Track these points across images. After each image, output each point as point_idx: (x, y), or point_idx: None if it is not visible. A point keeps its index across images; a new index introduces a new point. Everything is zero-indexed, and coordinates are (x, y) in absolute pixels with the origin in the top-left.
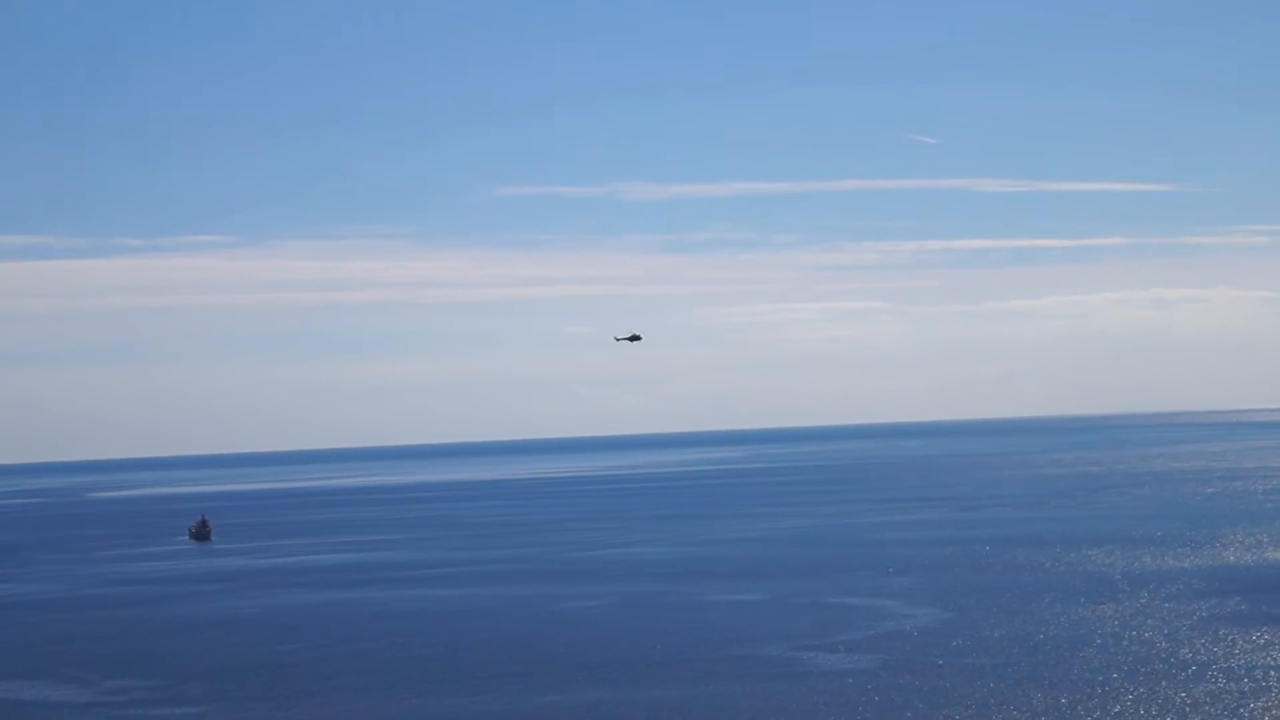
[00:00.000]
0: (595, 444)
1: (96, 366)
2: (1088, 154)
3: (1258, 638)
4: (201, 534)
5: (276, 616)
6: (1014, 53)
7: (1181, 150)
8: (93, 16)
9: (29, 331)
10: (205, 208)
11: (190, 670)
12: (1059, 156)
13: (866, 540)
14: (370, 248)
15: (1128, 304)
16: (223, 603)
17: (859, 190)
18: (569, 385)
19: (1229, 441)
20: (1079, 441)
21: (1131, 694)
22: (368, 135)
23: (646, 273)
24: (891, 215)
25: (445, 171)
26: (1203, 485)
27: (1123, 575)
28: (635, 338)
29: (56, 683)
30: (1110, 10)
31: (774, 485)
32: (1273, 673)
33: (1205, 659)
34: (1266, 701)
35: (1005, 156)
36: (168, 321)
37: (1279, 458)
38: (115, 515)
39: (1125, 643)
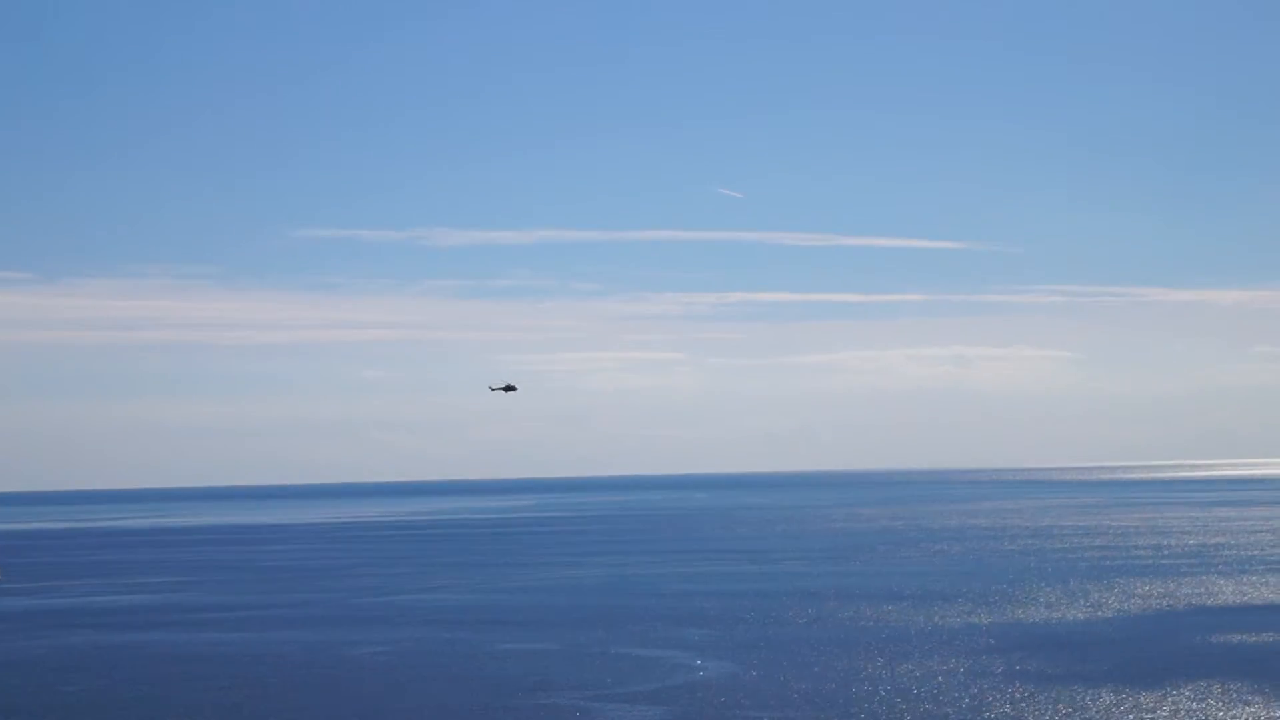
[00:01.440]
0: (392, 489)
1: None
2: (887, 211)
3: (1052, 694)
4: None
5: (63, 657)
6: (819, 109)
7: (978, 209)
8: None
9: None
10: (2, 244)
11: None
12: (859, 212)
13: (661, 591)
14: (169, 287)
15: (926, 360)
16: (7, 643)
17: (661, 241)
18: (367, 430)
19: (1026, 499)
20: (877, 496)
21: None
22: (168, 172)
23: (447, 318)
24: (693, 267)
25: (247, 211)
26: (1000, 542)
27: (919, 631)
28: (510, 388)
29: None
30: (912, 71)
31: (570, 534)
32: None
33: (1000, 715)
34: None
35: (807, 211)
36: None
37: (1075, 516)
38: None
39: (921, 699)
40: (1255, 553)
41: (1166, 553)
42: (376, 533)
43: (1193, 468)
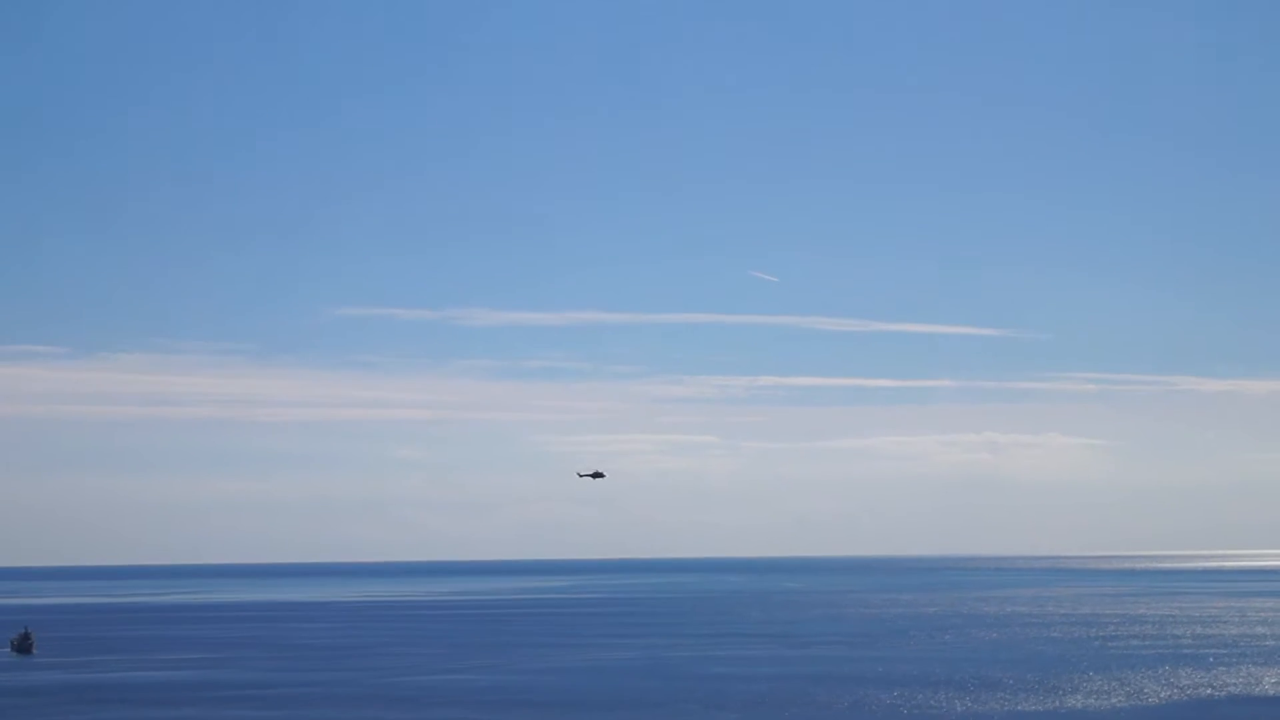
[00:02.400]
0: (423, 569)
1: None
2: (919, 297)
3: None
4: (24, 646)
5: None
6: (852, 193)
7: (1011, 296)
8: None
9: None
10: (37, 317)
11: None
12: (892, 298)
13: (693, 674)
14: (204, 363)
15: (959, 446)
16: (40, 718)
17: (695, 324)
18: (397, 509)
19: (1062, 587)
20: (913, 582)
21: None
22: (205, 248)
23: (479, 399)
24: (726, 349)
25: (283, 289)
26: (1039, 629)
27: (941, 716)
28: (598, 475)
29: None
30: (945, 156)
31: (602, 616)
32: None
33: None
34: None
35: (839, 296)
36: None
37: (1111, 604)
38: None
39: None
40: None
41: (1205, 642)
42: (408, 612)
43: (1226, 557)
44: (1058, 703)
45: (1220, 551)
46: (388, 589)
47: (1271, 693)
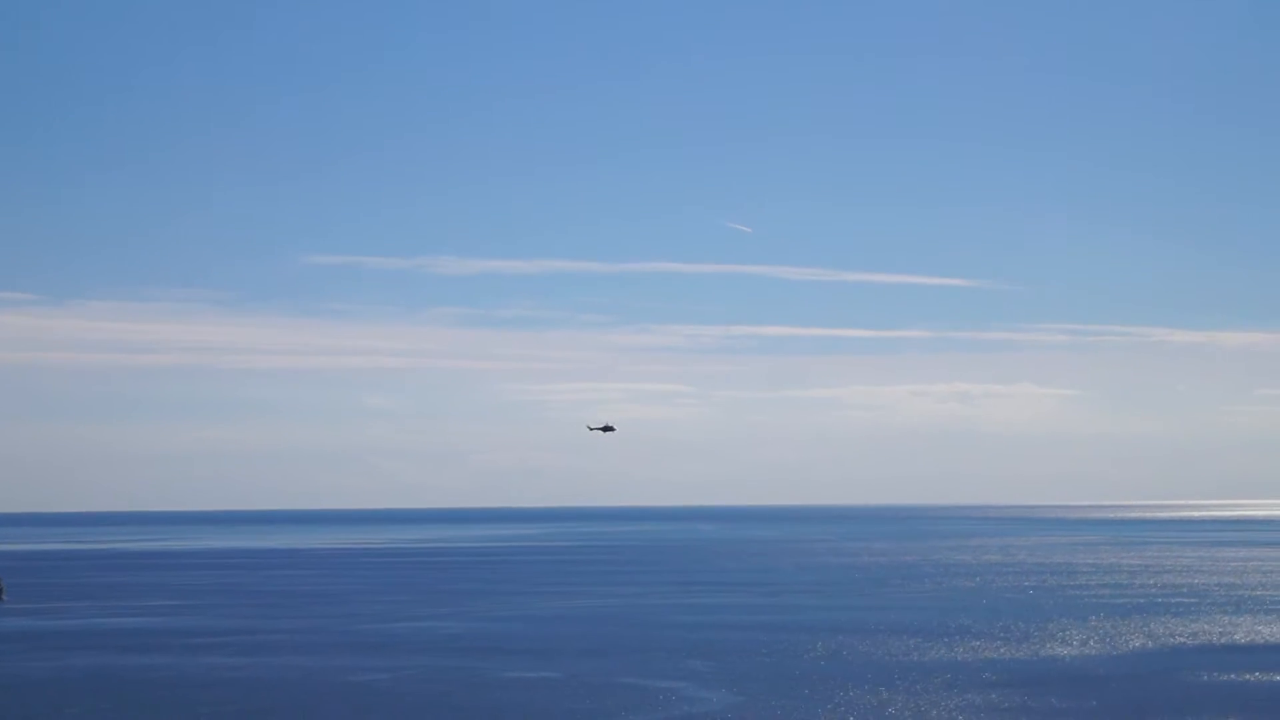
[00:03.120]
0: (395, 516)
1: None
2: (892, 247)
3: None
4: None
5: (62, 680)
6: (827, 143)
7: (984, 246)
8: None
9: None
10: (6, 265)
11: None
12: (865, 248)
13: (663, 622)
14: (173, 311)
15: (930, 396)
16: (10, 664)
17: (666, 273)
18: (367, 457)
19: (1035, 536)
20: (880, 530)
21: None
22: (175, 196)
23: (450, 347)
24: (698, 299)
25: (253, 237)
26: (1012, 578)
27: (929, 665)
28: (609, 428)
29: None
30: (920, 106)
31: (573, 563)
32: None
33: None
34: None
35: (812, 246)
36: None
37: (1084, 553)
38: None
39: None
40: (1262, 593)
41: (1178, 591)
42: (379, 559)
43: (1197, 508)
44: (1034, 650)
45: (1191, 502)
46: (357, 536)
47: (1244, 641)
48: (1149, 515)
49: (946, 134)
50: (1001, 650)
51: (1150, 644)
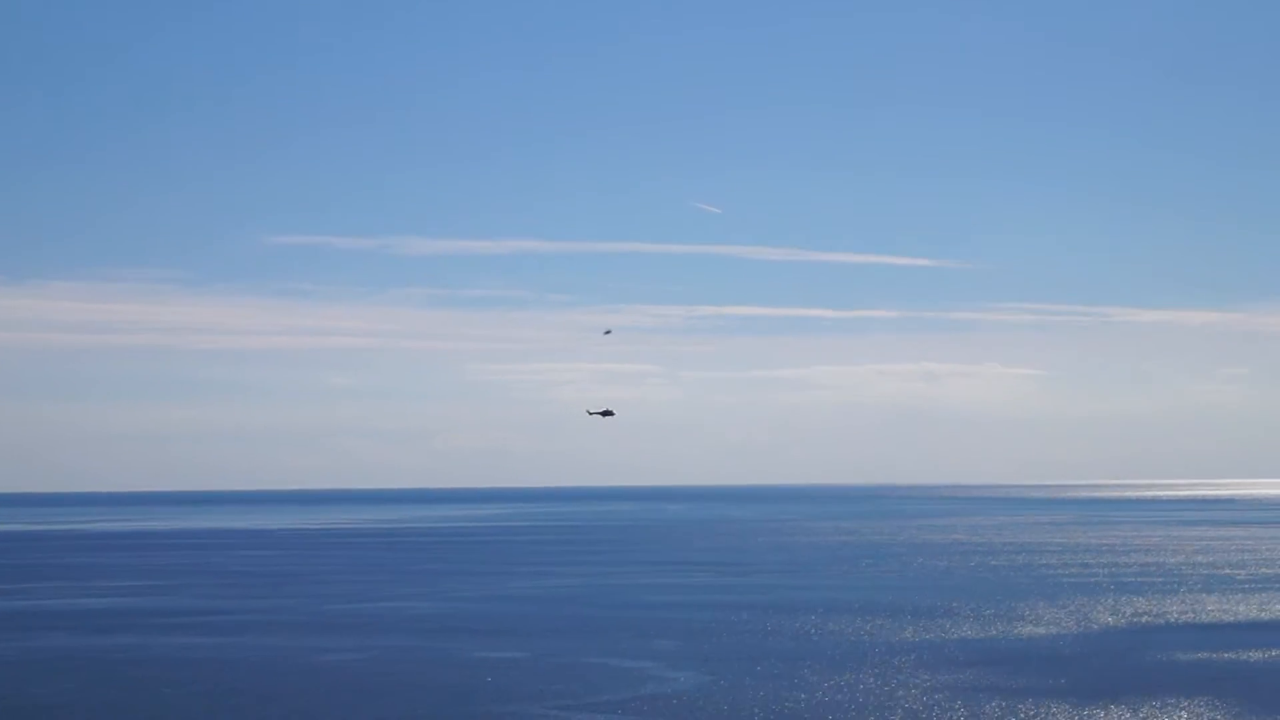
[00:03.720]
0: (362, 497)
1: None
2: (858, 227)
3: (1019, 709)
4: None
5: (31, 660)
6: (793, 124)
7: (949, 226)
8: None
9: None
10: None
11: None
12: (831, 228)
13: (630, 602)
14: (138, 291)
15: (896, 376)
16: None
17: (633, 253)
18: (333, 437)
19: (994, 516)
20: (848, 510)
21: None
22: (138, 176)
23: (416, 327)
24: (665, 280)
25: (217, 217)
26: (979, 557)
27: (894, 645)
28: (608, 413)
29: None
30: (886, 89)
31: (540, 544)
32: None
33: None
34: None
35: (779, 226)
36: None
37: (1049, 533)
38: None
39: (887, 710)
40: (1227, 572)
41: (1143, 570)
42: (347, 540)
43: (1160, 487)
44: (1003, 630)
45: (1157, 481)
46: (324, 517)
47: (1210, 619)
48: (1115, 494)
49: (913, 115)
50: (970, 629)
51: (1118, 622)
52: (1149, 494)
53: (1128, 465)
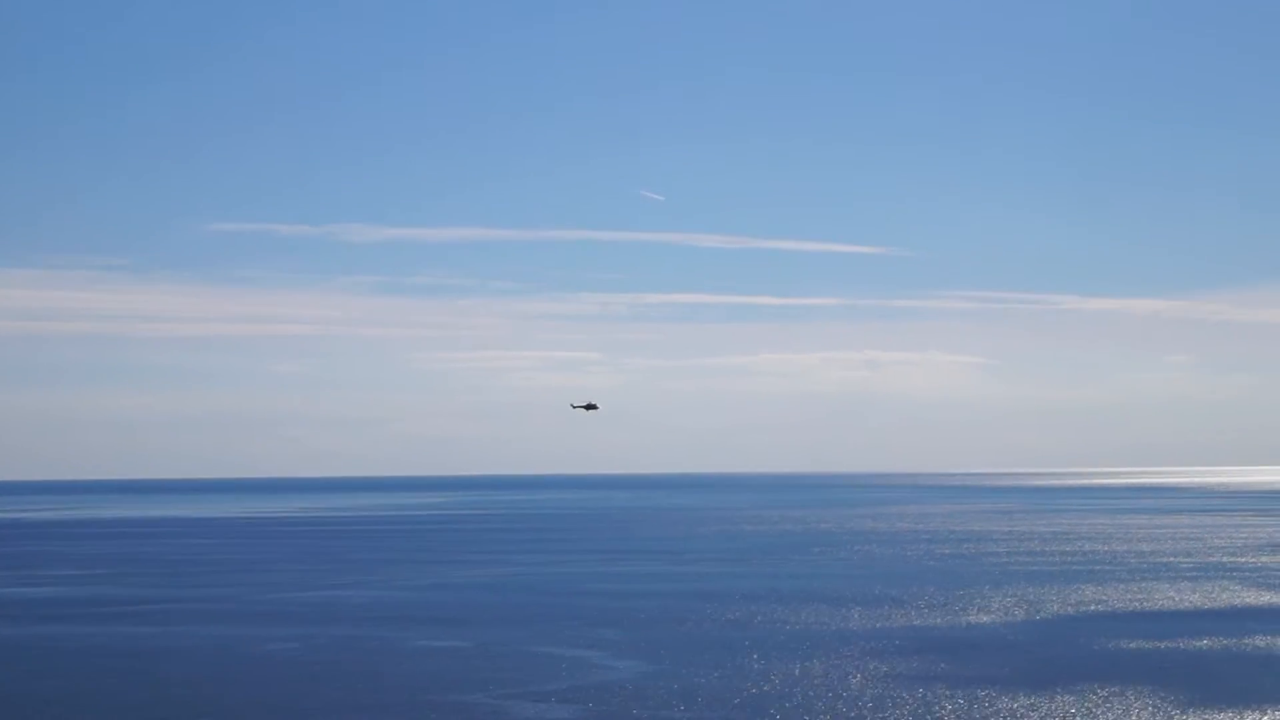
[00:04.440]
0: (306, 485)
1: None
2: (803, 215)
3: (958, 696)
4: None
5: None
6: (738, 111)
7: (894, 214)
8: None
9: None
10: None
11: None
12: (775, 216)
13: (573, 590)
14: (81, 279)
15: (841, 364)
16: None
17: (578, 240)
18: (279, 425)
19: (946, 504)
20: (793, 499)
21: None
22: (81, 164)
23: (361, 315)
24: (610, 267)
25: (160, 204)
26: (924, 546)
27: (837, 633)
28: (591, 406)
29: None
30: (829, 77)
31: (484, 532)
32: None
33: (910, 717)
34: None
35: (723, 214)
36: None
37: (993, 521)
38: None
39: (831, 699)
40: (1172, 559)
41: (1089, 558)
42: (290, 528)
43: (1104, 475)
44: (949, 618)
45: (1102, 469)
46: (269, 505)
47: (1156, 607)
48: (1061, 482)
49: (857, 103)
50: (917, 618)
51: (1064, 610)
52: (1095, 481)
53: (1073, 453)
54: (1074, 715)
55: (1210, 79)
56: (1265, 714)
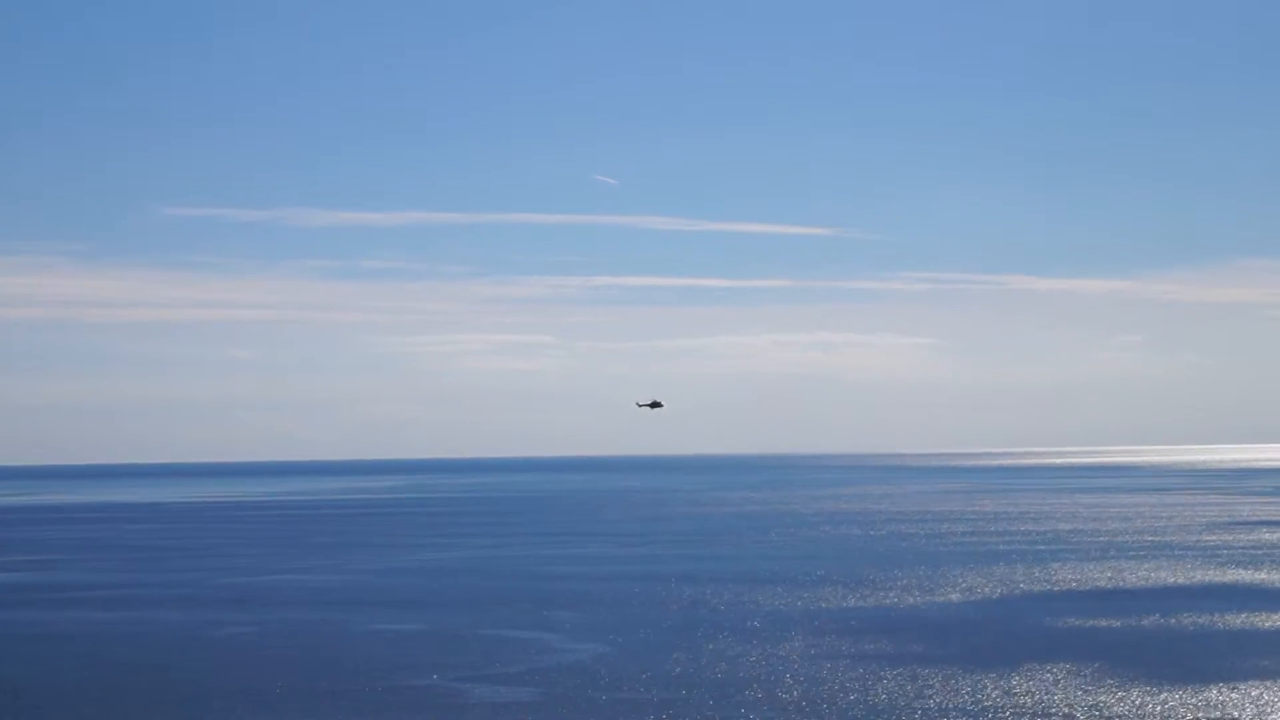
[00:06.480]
0: (260, 469)
1: None
2: (753, 196)
3: (905, 675)
4: None
5: None
6: (688, 92)
7: (844, 196)
8: None
9: None
10: None
11: None
12: (726, 197)
13: (529, 573)
14: (32, 265)
15: (792, 346)
16: None
17: (529, 224)
18: (231, 410)
19: (894, 484)
20: (746, 480)
21: None
22: (32, 150)
23: (313, 299)
24: (561, 250)
25: (111, 189)
26: (868, 527)
27: (785, 614)
28: (656, 404)
29: None
30: (779, 57)
31: (440, 515)
32: (934, 711)
33: (866, 696)
34: None
35: (673, 196)
36: None
37: (941, 501)
38: None
39: (788, 679)
40: (1123, 539)
41: (1040, 538)
42: (245, 513)
43: (1056, 455)
44: (898, 598)
45: (1050, 449)
46: (223, 490)
47: (1105, 586)
48: (1012, 463)
49: (808, 84)
50: (854, 598)
51: (1014, 590)
52: (1046, 461)
53: (1025, 433)
54: (1032, 692)
55: (1161, 64)
56: (1224, 688)
